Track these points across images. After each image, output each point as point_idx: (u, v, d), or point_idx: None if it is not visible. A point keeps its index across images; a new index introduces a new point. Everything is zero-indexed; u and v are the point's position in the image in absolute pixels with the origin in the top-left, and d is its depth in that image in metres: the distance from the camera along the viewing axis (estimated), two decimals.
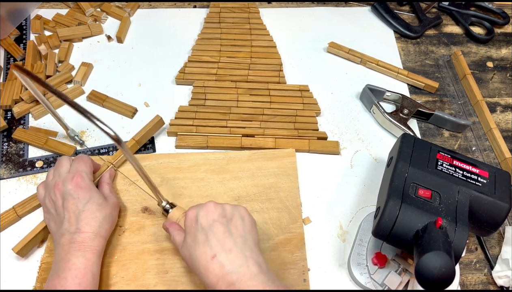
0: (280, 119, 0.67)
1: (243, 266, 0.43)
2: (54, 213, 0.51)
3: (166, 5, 0.82)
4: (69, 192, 0.50)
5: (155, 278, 0.53)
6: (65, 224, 0.49)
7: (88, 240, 0.49)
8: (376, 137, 0.68)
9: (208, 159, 0.62)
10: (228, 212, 0.48)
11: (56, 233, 0.50)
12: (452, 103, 0.74)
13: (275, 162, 0.62)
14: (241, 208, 0.49)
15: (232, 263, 0.43)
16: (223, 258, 0.43)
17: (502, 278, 0.56)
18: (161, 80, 0.72)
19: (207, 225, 0.46)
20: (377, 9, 0.83)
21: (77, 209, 0.50)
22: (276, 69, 0.73)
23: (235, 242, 0.45)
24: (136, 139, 0.62)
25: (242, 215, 0.48)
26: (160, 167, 0.61)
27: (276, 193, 0.60)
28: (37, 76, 0.49)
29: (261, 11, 0.82)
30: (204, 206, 0.48)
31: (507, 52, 0.81)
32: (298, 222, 0.58)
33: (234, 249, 0.44)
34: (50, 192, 0.52)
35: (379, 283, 0.52)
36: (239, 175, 0.61)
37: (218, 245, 0.44)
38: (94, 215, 0.50)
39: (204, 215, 0.47)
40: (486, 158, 0.68)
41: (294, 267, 0.55)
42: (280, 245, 0.56)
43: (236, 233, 0.46)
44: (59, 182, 0.51)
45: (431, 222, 0.45)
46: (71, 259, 0.47)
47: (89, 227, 0.49)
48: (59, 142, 0.63)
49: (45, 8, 0.79)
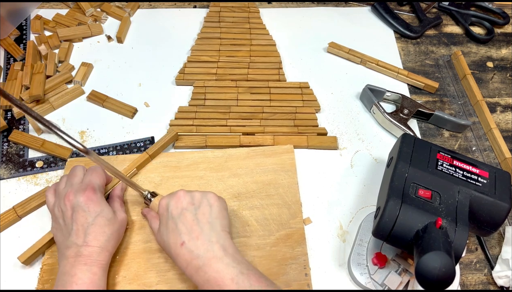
0: (280, 116, 0.68)
1: (209, 251, 0.46)
2: (62, 224, 0.50)
3: (166, 5, 0.82)
4: (79, 204, 0.49)
5: (157, 276, 0.53)
6: (72, 236, 0.49)
7: (95, 254, 0.48)
8: (376, 137, 0.68)
9: (207, 157, 0.62)
10: (196, 199, 0.50)
11: (62, 243, 0.50)
12: (452, 103, 0.74)
13: (274, 159, 0.63)
14: (210, 194, 0.51)
15: (199, 249, 0.46)
16: (191, 245, 0.46)
17: (502, 278, 0.56)
18: (161, 80, 0.72)
19: (176, 214, 0.49)
20: (377, 9, 0.83)
21: (86, 222, 0.49)
22: (276, 67, 0.73)
23: (201, 229, 0.47)
24: (149, 153, 0.61)
25: (211, 202, 0.50)
26: (159, 166, 0.61)
27: (276, 189, 0.60)
28: (9, 95, 0.44)
29: (261, 11, 0.82)
30: (175, 195, 0.50)
31: (507, 52, 0.81)
32: (298, 218, 0.58)
33: (201, 236, 0.47)
34: (60, 201, 0.51)
35: (379, 283, 0.52)
36: (238, 172, 0.61)
37: (186, 233, 0.47)
38: (103, 230, 0.50)
39: (174, 203, 0.50)
40: (486, 158, 0.68)
41: (295, 261, 0.55)
42: (281, 240, 0.56)
43: (203, 220, 0.48)
44: (70, 192, 0.50)
45: (431, 222, 0.45)
46: (77, 273, 0.47)
47: (96, 241, 0.49)
48: (55, 145, 0.62)
49: (45, 8, 0.79)
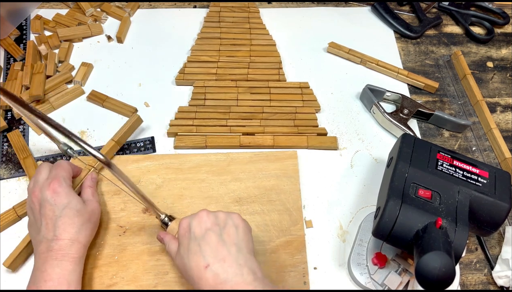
0: (280, 116, 0.67)
1: (238, 275, 0.42)
2: (33, 220, 0.50)
3: (166, 5, 0.82)
4: (46, 198, 0.49)
5: (155, 279, 0.53)
6: (42, 231, 0.48)
7: (66, 247, 0.47)
8: (376, 137, 0.68)
9: (209, 160, 0.62)
10: (221, 220, 0.47)
11: (34, 239, 0.50)
12: (452, 103, 0.74)
13: (277, 164, 0.62)
14: (234, 215, 0.48)
15: (226, 272, 0.42)
16: (217, 268, 0.43)
17: (502, 278, 0.56)
18: (161, 80, 0.72)
19: (200, 234, 0.45)
20: (377, 9, 0.83)
21: (54, 215, 0.48)
22: (276, 67, 0.73)
23: (228, 251, 0.44)
24: (115, 139, 0.61)
25: (236, 223, 0.47)
26: (161, 168, 0.61)
27: (277, 195, 0.60)
28: (22, 100, 0.47)
29: (261, 11, 0.82)
30: (197, 215, 0.47)
31: (507, 52, 0.81)
32: (299, 225, 0.57)
33: (228, 258, 0.43)
34: (29, 199, 0.51)
35: (379, 283, 0.52)
36: (240, 176, 0.61)
37: (212, 255, 0.44)
38: (72, 221, 0.49)
39: (197, 224, 0.46)
40: (486, 158, 0.68)
41: (294, 269, 0.54)
42: (281, 247, 0.56)
43: (230, 242, 0.45)
44: (36, 189, 0.50)
45: (431, 222, 0.45)
46: (47, 269, 0.46)
47: (66, 233, 0.48)
48: (34, 163, 0.60)
49: (45, 8, 0.79)
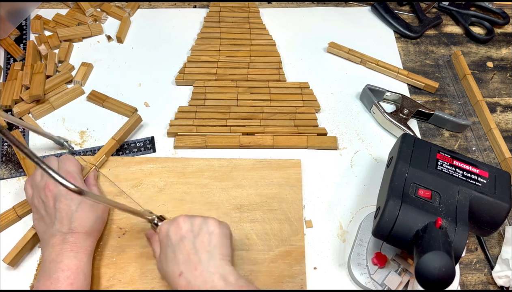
0: (280, 116, 0.67)
1: (208, 283, 0.44)
2: (44, 214, 0.51)
3: (166, 5, 0.82)
4: (61, 192, 0.50)
5: (152, 283, 0.53)
6: (56, 224, 0.49)
7: (81, 240, 0.49)
8: (376, 137, 0.68)
9: (212, 165, 0.62)
10: (196, 226, 0.48)
11: (45, 233, 0.50)
12: (452, 103, 0.74)
13: (280, 172, 0.61)
14: (210, 221, 0.48)
15: (197, 280, 0.44)
16: (188, 276, 0.44)
17: (502, 278, 0.56)
18: (161, 80, 0.72)
19: (175, 242, 0.47)
20: (377, 9, 0.83)
21: (70, 210, 0.49)
22: (276, 67, 0.73)
23: (200, 259, 0.45)
24: (116, 138, 0.61)
25: (210, 230, 0.47)
26: (163, 171, 0.61)
27: (279, 204, 0.59)
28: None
29: (261, 11, 0.82)
30: (175, 221, 0.48)
31: (507, 52, 0.81)
32: (299, 235, 0.57)
33: (199, 266, 0.45)
34: (40, 193, 0.51)
35: (379, 283, 0.52)
36: (242, 183, 0.60)
37: (184, 263, 0.45)
38: (87, 216, 0.50)
39: (174, 230, 0.48)
40: (486, 158, 0.68)
41: (293, 280, 0.54)
42: (280, 257, 0.55)
43: (202, 249, 0.46)
44: (49, 183, 0.50)
45: (431, 222, 0.45)
46: (63, 260, 0.47)
47: (82, 227, 0.50)
48: (31, 164, 0.60)
49: (45, 8, 0.79)
